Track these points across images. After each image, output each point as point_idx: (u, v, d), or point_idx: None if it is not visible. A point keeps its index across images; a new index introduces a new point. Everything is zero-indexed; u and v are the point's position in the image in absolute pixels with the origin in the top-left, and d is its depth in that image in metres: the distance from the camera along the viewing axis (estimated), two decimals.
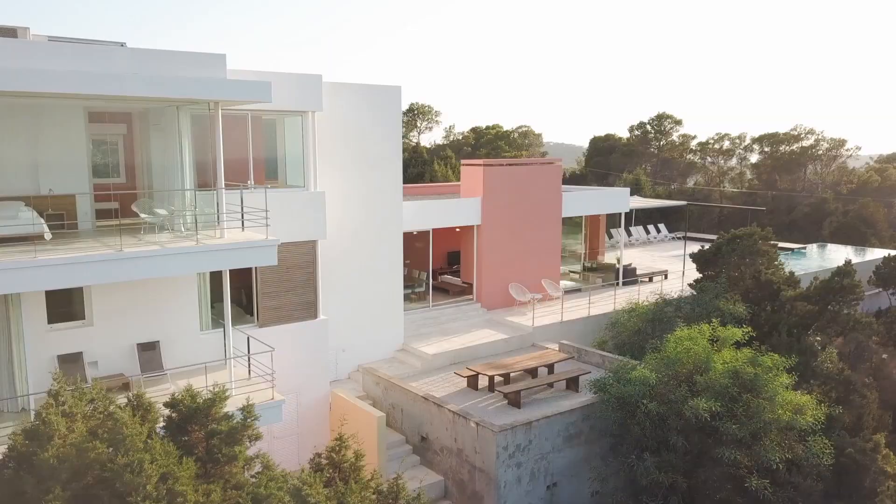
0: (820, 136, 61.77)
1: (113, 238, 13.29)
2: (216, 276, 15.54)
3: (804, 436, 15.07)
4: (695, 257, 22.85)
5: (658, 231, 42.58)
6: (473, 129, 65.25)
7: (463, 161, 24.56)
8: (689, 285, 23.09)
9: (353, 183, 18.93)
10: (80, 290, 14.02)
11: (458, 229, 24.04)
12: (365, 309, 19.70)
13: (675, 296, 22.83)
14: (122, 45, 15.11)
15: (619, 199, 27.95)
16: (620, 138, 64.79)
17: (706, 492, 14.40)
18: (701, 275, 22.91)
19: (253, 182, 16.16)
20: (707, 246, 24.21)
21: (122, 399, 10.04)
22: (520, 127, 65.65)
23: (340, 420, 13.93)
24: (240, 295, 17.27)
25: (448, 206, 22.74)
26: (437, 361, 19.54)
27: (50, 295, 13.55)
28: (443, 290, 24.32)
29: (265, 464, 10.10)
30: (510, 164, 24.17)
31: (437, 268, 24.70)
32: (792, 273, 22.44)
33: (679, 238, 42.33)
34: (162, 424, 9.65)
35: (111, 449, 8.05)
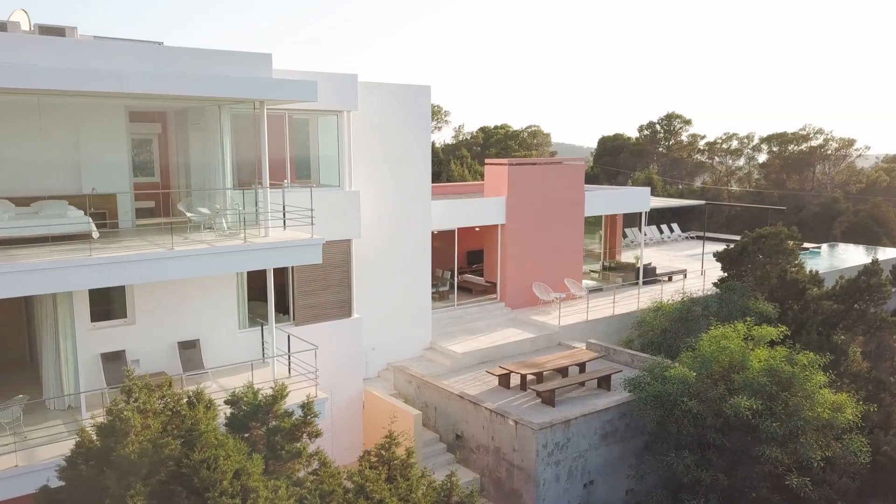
0: (829, 136, 61.81)
1: (155, 237, 13.37)
2: (251, 275, 15.64)
3: (839, 434, 15.13)
4: (719, 256, 22.89)
5: (671, 231, 42.65)
6: (482, 129, 65.30)
7: (487, 160, 24.61)
8: (714, 284, 23.15)
9: (383, 182, 18.97)
10: (121, 288, 14.09)
11: (477, 228, 24.08)
12: (394, 308, 19.74)
13: (698, 295, 22.92)
14: (160, 44, 15.19)
15: (639, 199, 28.00)
16: (629, 138, 64.83)
17: (744, 490, 14.46)
18: (725, 274, 22.95)
19: (290, 181, 16.22)
20: (729, 246, 24.25)
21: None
22: (529, 126, 65.69)
23: (390, 417, 14.01)
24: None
25: (473, 206, 22.79)
26: (465, 360, 19.59)
27: (92, 293, 13.62)
28: (464, 290, 24.36)
29: (322, 460, 10.18)
30: (534, 164, 24.24)
31: (450, 267, 24.69)
32: (816, 272, 22.49)
33: (692, 238, 42.47)
34: (223, 421, 9.71)
35: (182, 444, 8.12)
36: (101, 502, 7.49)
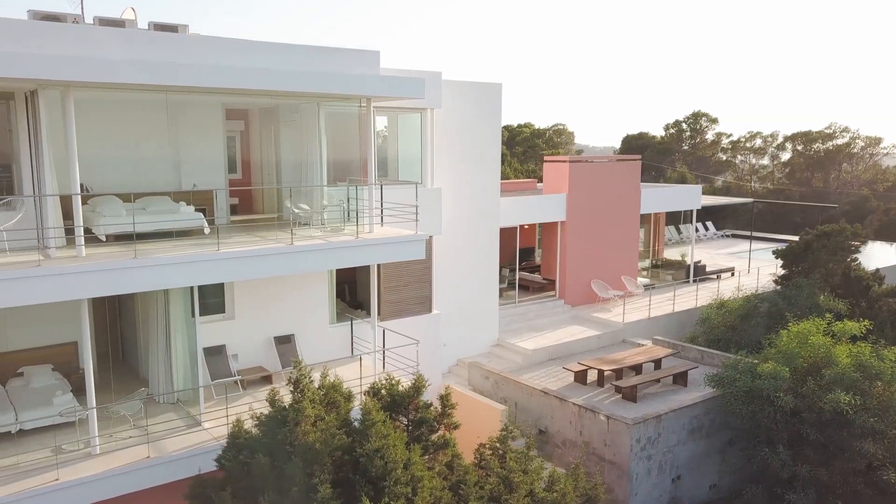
0: (855, 135, 61.75)
1: (254, 233, 13.49)
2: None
3: None
4: (782, 254, 22.95)
5: (706, 229, 42.70)
6: (506, 127, 65.35)
7: (546, 158, 24.73)
8: (775, 281, 23.22)
9: (456, 179, 19.08)
10: (219, 284, 14.22)
11: (525, 226, 24.15)
12: (464, 304, 19.83)
13: (752, 292, 23.02)
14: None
15: (690, 197, 28.09)
16: (654, 137, 64.85)
17: (836, 485, 14.52)
18: (784, 271, 23.02)
19: (376, 178, 16.32)
20: (790, 244, 24.31)
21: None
22: (555, 125, 65.74)
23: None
24: (343, 290, 17.48)
25: (535, 203, 22.89)
26: (536, 357, 19.70)
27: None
28: (521, 287, 24.41)
29: (455, 453, 10.30)
30: (593, 161, 24.32)
31: (507, 264, 24.75)
32: (877, 270, 22.54)
33: (728, 236, 42.61)
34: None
35: (350, 433, 8.25)
36: (284, 490, 7.61)
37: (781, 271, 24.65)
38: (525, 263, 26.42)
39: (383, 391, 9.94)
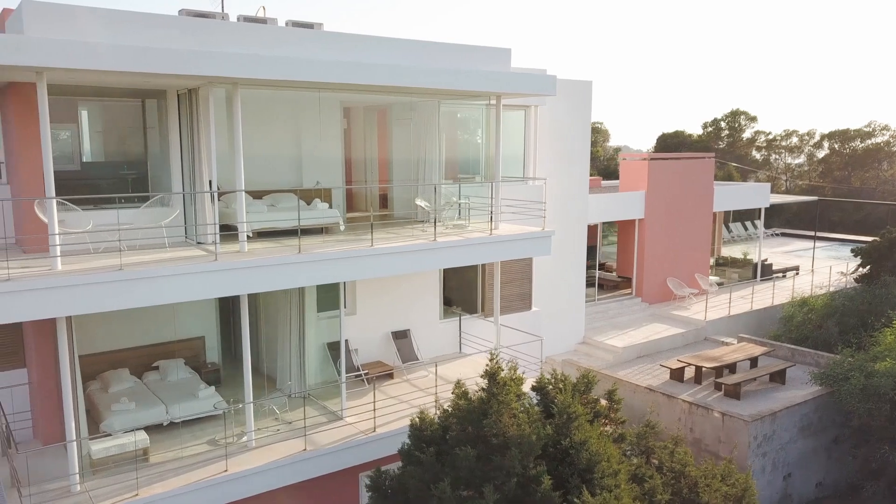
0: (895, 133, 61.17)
1: (389, 230, 13.62)
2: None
3: None
4: (864, 252, 22.84)
5: (755, 227, 42.50)
6: None
7: (622, 154, 24.72)
8: (856, 280, 23.12)
9: (550, 176, 19.11)
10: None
11: (591, 224, 24.07)
12: (553, 301, 19.87)
13: (828, 290, 22.90)
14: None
15: (759, 195, 28.01)
16: (690, 135, 64.54)
17: None
18: (865, 269, 22.90)
19: (482, 176, 16.43)
20: (860, 245, 24.18)
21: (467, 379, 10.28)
22: (592, 124, 65.57)
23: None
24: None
25: (615, 200, 22.89)
26: (625, 354, 19.71)
27: (319, 286, 13.86)
28: (591, 285, 24.37)
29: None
30: (670, 158, 24.29)
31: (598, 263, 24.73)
32: None
33: (777, 234, 42.51)
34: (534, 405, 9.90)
35: (555, 426, 8.32)
36: (494, 480, 7.70)
37: (852, 269, 24.59)
38: (590, 262, 26.43)
39: (549, 386, 10.01)
